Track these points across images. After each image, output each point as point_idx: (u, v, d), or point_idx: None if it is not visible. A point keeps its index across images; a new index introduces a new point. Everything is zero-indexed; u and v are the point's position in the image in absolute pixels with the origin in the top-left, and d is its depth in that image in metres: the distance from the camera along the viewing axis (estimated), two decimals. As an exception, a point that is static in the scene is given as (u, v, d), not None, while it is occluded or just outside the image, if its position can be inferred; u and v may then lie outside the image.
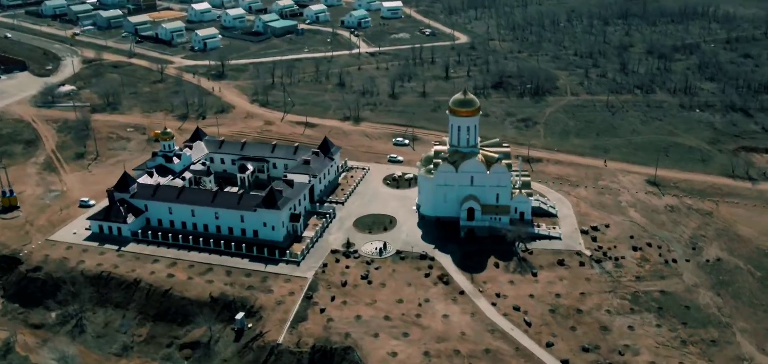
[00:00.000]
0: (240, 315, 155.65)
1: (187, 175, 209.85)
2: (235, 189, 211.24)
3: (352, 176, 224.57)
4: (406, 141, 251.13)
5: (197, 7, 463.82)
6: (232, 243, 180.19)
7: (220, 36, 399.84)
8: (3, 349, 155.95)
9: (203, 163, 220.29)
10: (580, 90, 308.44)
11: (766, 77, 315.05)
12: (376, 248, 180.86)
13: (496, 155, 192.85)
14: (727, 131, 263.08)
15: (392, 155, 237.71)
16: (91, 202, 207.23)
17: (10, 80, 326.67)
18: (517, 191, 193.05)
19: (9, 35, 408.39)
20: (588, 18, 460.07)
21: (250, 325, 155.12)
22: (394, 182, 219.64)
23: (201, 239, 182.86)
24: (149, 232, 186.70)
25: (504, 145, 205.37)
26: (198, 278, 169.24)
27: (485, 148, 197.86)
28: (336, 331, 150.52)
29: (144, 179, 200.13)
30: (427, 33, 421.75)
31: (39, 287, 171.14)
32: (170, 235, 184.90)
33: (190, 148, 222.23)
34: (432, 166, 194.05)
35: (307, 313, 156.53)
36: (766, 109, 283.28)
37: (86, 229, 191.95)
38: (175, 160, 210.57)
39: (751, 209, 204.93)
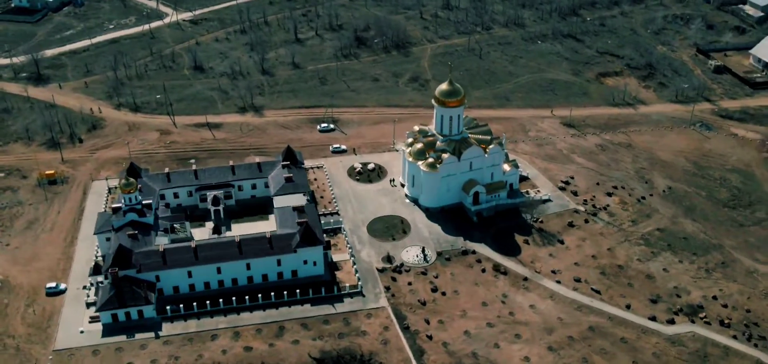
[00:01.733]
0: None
1: (163, 224, 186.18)
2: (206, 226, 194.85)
3: (315, 178, 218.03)
4: (332, 126, 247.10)
5: None
6: (285, 291, 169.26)
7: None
8: None
9: (166, 205, 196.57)
10: (432, 36, 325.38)
11: (563, 1, 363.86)
12: (417, 256, 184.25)
13: (489, 137, 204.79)
14: (576, 59, 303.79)
15: (335, 146, 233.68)
16: (62, 286, 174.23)
17: None
18: (505, 165, 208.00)
19: None
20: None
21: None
22: (361, 175, 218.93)
23: (234, 297, 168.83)
24: (181, 305, 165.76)
25: (475, 120, 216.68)
26: (279, 342, 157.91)
27: (470, 132, 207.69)
28: (462, 353, 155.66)
29: (142, 247, 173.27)
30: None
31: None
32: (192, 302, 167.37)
33: (140, 190, 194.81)
34: (431, 159, 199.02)
35: (419, 345, 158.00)
36: (586, 31, 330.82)
37: (91, 321, 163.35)
38: (147, 212, 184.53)
39: (653, 134, 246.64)
